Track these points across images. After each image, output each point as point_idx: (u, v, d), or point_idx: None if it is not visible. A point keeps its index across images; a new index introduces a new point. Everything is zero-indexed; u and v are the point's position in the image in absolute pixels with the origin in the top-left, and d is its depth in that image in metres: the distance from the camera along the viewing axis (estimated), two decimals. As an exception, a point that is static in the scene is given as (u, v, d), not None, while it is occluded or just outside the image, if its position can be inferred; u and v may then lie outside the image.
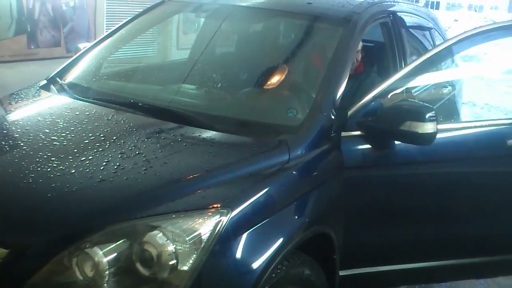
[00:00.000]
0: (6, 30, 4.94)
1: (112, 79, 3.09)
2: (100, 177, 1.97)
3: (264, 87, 2.73)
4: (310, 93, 2.62)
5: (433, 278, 3.17)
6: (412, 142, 2.48)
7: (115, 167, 2.03)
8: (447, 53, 3.86)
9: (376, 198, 2.60)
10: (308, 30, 3.00)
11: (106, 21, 5.97)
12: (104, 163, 2.05)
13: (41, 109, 2.68)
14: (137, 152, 2.14)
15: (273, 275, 1.99)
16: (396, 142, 2.57)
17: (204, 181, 2.01)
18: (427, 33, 4.06)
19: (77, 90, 2.81)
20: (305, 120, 2.42)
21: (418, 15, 3.86)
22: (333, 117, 2.44)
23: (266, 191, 2.07)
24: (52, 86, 2.91)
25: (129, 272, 1.76)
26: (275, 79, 2.72)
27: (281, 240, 2.03)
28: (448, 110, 3.64)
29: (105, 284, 1.73)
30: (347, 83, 2.56)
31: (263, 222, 1.99)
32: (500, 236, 2.97)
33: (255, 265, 1.91)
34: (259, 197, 2.02)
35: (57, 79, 2.99)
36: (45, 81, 3.02)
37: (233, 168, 2.10)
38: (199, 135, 2.31)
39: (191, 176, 2.03)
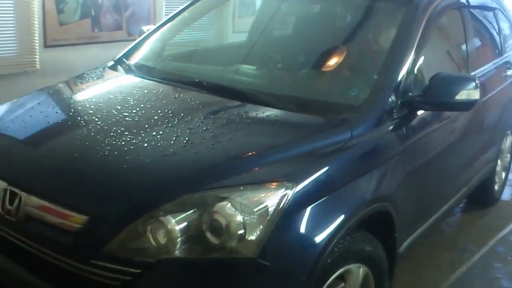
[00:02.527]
0: (73, 14, 5.10)
1: (176, 60, 3.21)
2: (171, 150, 2.07)
3: (326, 66, 2.77)
4: (372, 73, 2.64)
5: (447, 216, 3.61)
6: (466, 109, 2.63)
7: (185, 141, 2.12)
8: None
9: (429, 162, 2.78)
10: (369, 10, 3.00)
11: (166, 5, 6.07)
12: (174, 138, 2.14)
13: (112, 87, 2.81)
14: (204, 128, 2.23)
15: (335, 249, 2.04)
16: None
17: (269, 156, 2.08)
18: (491, 13, 3.97)
19: (144, 70, 2.95)
20: (367, 99, 2.45)
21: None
22: (395, 96, 2.46)
23: (329, 167, 2.11)
24: (119, 67, 3.05)
25: (199, 240, 1.84)
26: (337, 59, 2.75)
27: (343, 216, 2.07)
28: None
29: (177, 251, 1.82)
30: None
31: (326, 198, 2.04)
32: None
33: (318, 239, 1.96)
34: (322, 173, 2.07)
35: (124, 60, 3.12)
36: (112, 62, 3.15)
37: (298, 145, 2.16)
38: (262, 113, 2.37)
39: (257, 151, 2.10)
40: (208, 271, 1.84)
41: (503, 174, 4.54)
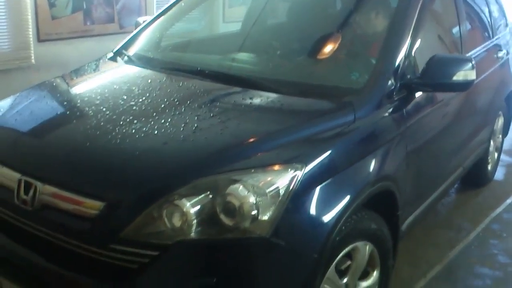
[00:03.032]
0: (64, 8, 5.10)
1: (175, 50, 3.27)
2: (182, 136, 2.12)
3: (326, 52, 2.82)
4: (372, 56, 2.70)
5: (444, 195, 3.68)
6: (463, 89, 2.70)
7: (194, 128, 2.17)
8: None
9: (427, 142, 2.87)
10: None
11: None
12: (183, 125, 2.19)
13: (115, 78, 2.86)
14: (211, 115, 2.28)
15: (343, 227, 2.10)
16: None
17: (278, 139, 2.14)
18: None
19: (144, 60, 2.99)
20: (368, 83, 2.51)
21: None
22: (394, 79, 2.53)
23: (335, 149, 2.18)
24: (120, 58, 3.08)
25: (213, 222, 1.89)
26: (336, 44, 2.81)
27: (349, 195, 2.14)
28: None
29: (192, 233, 1.88)
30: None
31: (333, 178, 2.11)
32: None
33: (327, 217, 2.03)
34: (329, 154, 2.13)
35: (124, 51, 3.16)
36: (112, 54, 3.19)
37: (304, 128, 2.23)
38: (267, 98, 2.43)
39: (266, 135, 2.16)
40: (223, 251, 1.90)
41: (496, 155, 4.65)
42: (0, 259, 2.15)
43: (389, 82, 2.52)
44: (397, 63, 2.57)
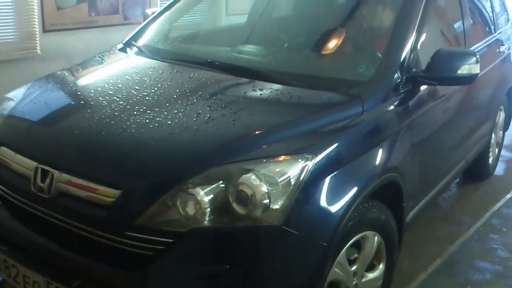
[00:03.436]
0: None
1: (184, 42, 3.32)
2: (195, 127, 2.16)
3: (335, 45, 2.87)
4: (378, 50, 2.74)
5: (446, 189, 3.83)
6: (468, 83, 2.75)
7: (206, 118, 2.22)
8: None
9: (431, 134, 2.94)
10: None
11: None
12: (196, 115, 2.24)
13: (127, 69, 2.90)
14: (223, 105, 2.33)
15: (352, 216, 2.16)
16: None
17: (288, 130, 2.19)
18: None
19: (154, 51, 3.04)
20: (375, 75, 2.57)
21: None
22: (400, 72, 2.58)
23: (344, 140, 2.24)
24: (130, 49, 3.12)
25: (226, 210, 1.94)
26: (344, 38, 2.86)
27: (358, 185, 2.20)
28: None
29: (206, 221, 1.93)
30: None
31: (342, 168, 2.16)
32: None
33: (337, 206, 2.09)
34: (338, 145, 2.19)
35: (134, 42, 3.20)
36: (121, 45, 3.22)
37: (314, 119, 2.28)
38: (277, 90, 2.48)
39: (277, 126, 2.21)
40: (237, 238, 1.95)
41: (497, 149, 4.71)
42: (15, 246, 2.21)
43: (395, 75, 2.57)
44: (403, 57, 2.63)
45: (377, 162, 2.35)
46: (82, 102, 2.45)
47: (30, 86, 2.76)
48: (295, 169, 2.00)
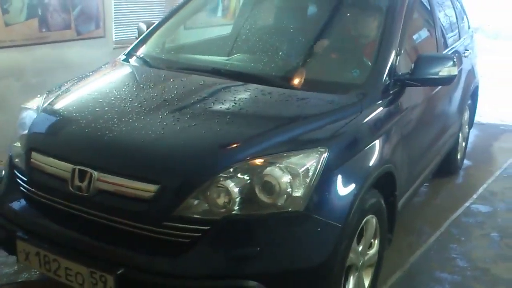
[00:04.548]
0: (18, 14, 4.87)
1: (187, 52, 3.60)
2: (218, 128, 2.41)
3: (332, 53, 3.24)
4: (370, 56, 3.04)
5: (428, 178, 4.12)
6: (447, 83, 3.08)
7: (227, 119, 2.48)
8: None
9: (415, 130, 3.25)
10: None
11: (115, 3, 5.94)
12: (218, 116, 2.50)
13: (140, 78, 3.11)
14: (239, 108, 2.59)
15: (360, 203, 2.42)
16: None
17: (303, 127, 2.48)
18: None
19: (160, 61, 3.28)
20: (368, 79, 2.88)
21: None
22: (389, 76, 2.90)
23: (350, 135, 2.53)
24: (134, 60, 3.32)
25: (253, 200, 2.19)
26: (339, 44, 3.23)
27: (364, 175, 2.50)
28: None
29: (235, 210, 2.17)
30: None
31: (349, 160, 2.45)
32: None
33: (348, 193, 2.37)
34: (345, 140, 2.49)
35: (136, 53, 3.39)
36: (124, 56, 3.41)
37: (323, 117, 2.56)
38: (284, 93, 2.76)
39: (292, 124, 2.50)
40: (265, 224, 2.20)
41: (463, 144, 5.12)
42: (53, 242, 2.37)
43: (386, 78, 2.89)
44: (390, 62, 2.94)
45: (377, 155, 2.64)
46: (107, 107, 2.60)
47: (47, 94, 2.91)
48: (312, 161, 2.27)
